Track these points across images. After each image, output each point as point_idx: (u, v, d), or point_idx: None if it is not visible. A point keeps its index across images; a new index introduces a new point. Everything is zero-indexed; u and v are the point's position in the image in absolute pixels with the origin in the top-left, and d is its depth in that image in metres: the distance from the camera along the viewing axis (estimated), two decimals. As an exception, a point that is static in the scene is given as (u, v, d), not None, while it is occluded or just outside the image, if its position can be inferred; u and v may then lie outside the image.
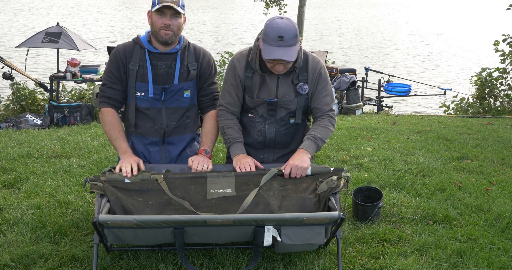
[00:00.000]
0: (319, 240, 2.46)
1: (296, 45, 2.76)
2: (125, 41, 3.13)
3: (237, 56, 3.01)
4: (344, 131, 5.92)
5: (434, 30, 34.10)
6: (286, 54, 2.73)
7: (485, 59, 17.93)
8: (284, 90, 2.97)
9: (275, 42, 2.70)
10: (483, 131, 6.19)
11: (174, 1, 2.86)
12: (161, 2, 2.84)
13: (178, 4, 2.87)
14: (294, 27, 2.75)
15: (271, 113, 3.02)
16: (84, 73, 8.35)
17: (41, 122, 7.44)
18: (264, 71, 2.94)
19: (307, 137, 2.97)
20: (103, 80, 3.10)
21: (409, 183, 3.97)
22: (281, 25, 2.72)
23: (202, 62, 3.09)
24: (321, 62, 3.02)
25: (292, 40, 2.72)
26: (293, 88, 2.98)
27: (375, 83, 10.12)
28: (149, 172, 2.82)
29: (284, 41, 2.70)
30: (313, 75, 2.97)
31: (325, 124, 3.02)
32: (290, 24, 2.74)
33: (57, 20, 9.76)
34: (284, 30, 2.70)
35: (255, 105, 3.02)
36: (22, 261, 2.68)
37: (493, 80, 9.71)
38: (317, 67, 2.98)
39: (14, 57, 13.73)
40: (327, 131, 3.01)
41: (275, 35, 2.70)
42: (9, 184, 3.85)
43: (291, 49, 2.73)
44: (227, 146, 3.06)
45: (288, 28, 2.71)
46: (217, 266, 2.69)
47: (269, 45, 2.73)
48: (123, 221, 2.26)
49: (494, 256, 2.85)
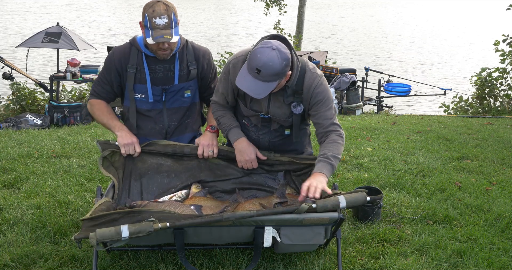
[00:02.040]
0: (319, 240, 2.46)
1: (273, 82, 2.53)
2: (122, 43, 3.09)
3: (233, 61, 2.81)
4: (344, 131, 5.91)
5: (434, 30, 34.10)
6: (258, 90, 2.54)
7: (485, 59, 17.93)
8: (277, 106, 2.81)
9: (251, 72, 2.51)
10: (483, 131, 6.19)
11: (168, 29, 2.74)
12: (155, 34, 2.73)
13: (171, 26, 2.76)
14: (279, 62, 2.47)
15: (265, 124, 2.93)
16: (84, 73, 8.35)
17: (41, 122, 7.44)
18: None
19: (319, 159, 2.69)
20: (96, 79, 3.11)
21: (409, 183, 3.97)
22: (265, 59, 2.46)
23: (203, 62, 3.06)
24: (318, 77, 2.77)
25: (270, 77, 2.50)
26: (286, 106, 2.81)
27: (375, 83, 10.12)
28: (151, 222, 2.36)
29: (261, 75, 2.49)
30: (307, 93, 2.75)
31: (333, 139, 2.77)
32: (276, 59, 2.47)
33: (53, 21, 9.76)
34: (264, 66, 2.46)
35: (249, 115, 2.93)
36: (22, 261, 2.68)
37: (493, 80, 9.71)
38: (312, 84, 2.74)
39: (12, 59, 13.74)
40: (338, 146, 2.75)
41: (254, 66, 2.48)
42: (9, 184, 3.85)
43: (266, 84, 2.52)
44: (224, 134, 3.00)
45: (271, 63, 2.46)
46: (217, 266, 2.69)
47: (245, 69, 2.56)
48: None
49: (494, 256, 2.85)
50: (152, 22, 2.73)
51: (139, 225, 2.22)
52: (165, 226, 2.26)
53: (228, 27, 30.52)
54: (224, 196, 2.99)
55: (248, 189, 3.01)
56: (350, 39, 27.03)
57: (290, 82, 2.70)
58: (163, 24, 2.73)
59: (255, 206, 2.72)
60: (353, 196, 2.40)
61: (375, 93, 10.16)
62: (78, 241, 2.25)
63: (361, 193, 2.42)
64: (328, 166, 2.65)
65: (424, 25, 38.39)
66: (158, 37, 2.74)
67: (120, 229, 2.19)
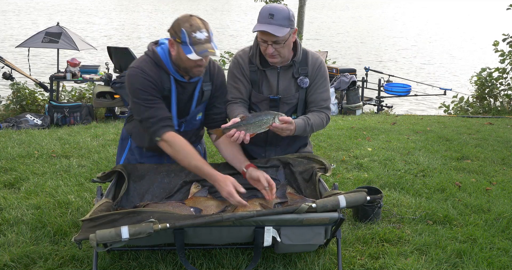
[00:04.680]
0: (319, 240, 2.46)
1: (286, 28, 2.73)
2: (138, 58, 2.77)
3: (239, 53, 3.03)
4: (344, 131, 5.92)
5: (434, 30, 34.10)
6: (272, 29, 2.69)
7: (485, 59, 17.92)
8: (285, 85, 2.97)
9: (265, 19, 2.72)
10: (483, 131, 6.19)
11: (208, 42, 2.56)
12: (198, 48, 2.54)
13: (211, 39, 2.59)
14: (288, 10, 2.76)
15: (273, 109, 2.99)
16: (84, 73, 8.37)
17: (41, 122, 7.44)
18: (264, 65, 2.94)
19: (301, 117, 2.90)
20: (140, 110, 2.66)
21: (409, 183, 3.97)
22: (274, 5, 2.76)
23: (216, 81, 2.91)
24: (320, 58, 3.03)
25: (283, 21, 2.72)
26: (293, 83, 2.98)
27: (375, 83, 10.12)
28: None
29: (274, 19, 2.71)
30: (312, 68, 2.97)
31: (321, 117, 2.98)
32: (285, 8, 2.76)
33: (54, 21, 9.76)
34: (275, 10, 2.73)
35: (258, 101, 3.02)
36: (22, 261, 2.68)
37: (493, 80, 9.71)
38: (316, 61, 2.99)
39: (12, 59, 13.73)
40: (320, 123, 2.96)
41: (266, 12, 2.72)
42: (9, 184, 3.85)
43: (280, 28, 2.71)
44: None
45: (281, 9, 2.74)
46: (217, 266, 2.69)
47: (259, 22, 2.75)
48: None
49: (494, 256, 2.85)
50: (192, 37, 2.53)
51: (139, 226, 2.21)
52: (165, 227, 2.25)
53: (228, 27, 30.55)
54: None
55: (248, 189, 3.01)
56: (350, 39, 27.03)
57: (296, 56, 2.91)
58: (204, 38, 2.55)
59: (255, 206, 2.72)
60: (353, 196, 2.40)
61: (375, 93, 10.17)
62: (78, 242, 2.24)
63: (361, 193, 2.42)
64: (303, 127, 2.83)
65: (424, 25, 38.40)
66: (202, 52, 2.54)
67: (120, 231, 2.18)
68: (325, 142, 5.29)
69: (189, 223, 2.29)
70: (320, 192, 2.75)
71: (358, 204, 2.44)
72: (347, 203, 2.37)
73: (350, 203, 2.38)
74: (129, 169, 2.92)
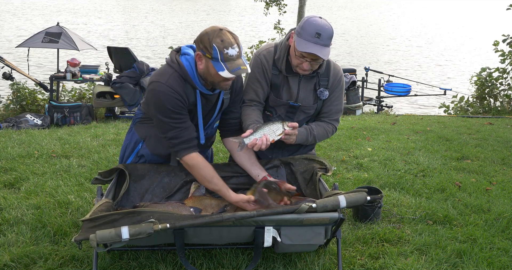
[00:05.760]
0: (319, 240, 2.46)
1: (329, 47, 2.71)
2: (163, 70, 2.67)
3: (263, 52, 2.92)
4: (344, 131, 5.92)
5: (434, 30, 34.10)
6: (320, 52, 2.66)
7: (485, 59, 17.93)
8: (305, 94, 2.94)
9: (311, 38, 2.65)
10: (483, 131, 6.19)
11: (240, 58, 2.51)
12: (230, 66, 2.48)
13: (241, 55, 2.54)
14: (331, 28, 2.71)
15: (290, 115, 2.99)
16: (84, 73, 8.37)
17: (41, 122, 7.44)
18: (288, 72, 2.90)
19: (305, 126, 2.91)
20: (165, 128, 2.64)
21: (409, 183, 3.97)
22: (320, 23, 2.68)
23: (236, 87, 2.86)
24: (341, 71, 3.02)
25: (328, 41, 2.68)
26: (312, 93, 2.95)
27: (375, 83, 10.12)
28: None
29: (321, 39, 2.65)
30: (333, 81, 2.95)
31: (328, 129, 2.99)
32: (328, 25, 2.71)
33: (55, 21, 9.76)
34: (322, 28, 2.66)
35: (276, 105, 2.99)
36: (22, 261, 2.68)
37: (493, 80, 9.72)
38: (338, 74, 2.97)
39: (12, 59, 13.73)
40: (324, 135, 2.99)
41: (313, 31, 2.64)
42: (9, 184, 3.85)
43: (325, 49, 2.68)
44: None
45: (327, 28, 2.68)
46: (217, 266, 2.69)
47: (304, 39, 2.66)
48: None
49: (494, 256, 2.85)
50: (224, 53, 2.47)
51: (139, 227, 2.21)
52: (165, 227, 2.25)
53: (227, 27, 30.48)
54: None
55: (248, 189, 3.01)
56: (350, 39, 27.03)
57: (322, 68, 2.89)
58: (235, 54, 2.49)
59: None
60: (353, 196, 2.40)
61: (375, 93, 10.17)
62: (78, 242, 2.25)
63: (361, 193, 2.42)
64: (305, 136, 2.87)
65: (424, 25, 38.38)
66: (236, 69, 2.49)
67: (120, 231, 2.19)
68: (325, 142, 5.29)
69: (189, 223, 2.29)
70: (321, 192, 2.76)
71: (358, 204, 2.44)
72: (347, 203, 2.37)
73: (350, 203, 2.39)
74: (130, 168, 2.92)
